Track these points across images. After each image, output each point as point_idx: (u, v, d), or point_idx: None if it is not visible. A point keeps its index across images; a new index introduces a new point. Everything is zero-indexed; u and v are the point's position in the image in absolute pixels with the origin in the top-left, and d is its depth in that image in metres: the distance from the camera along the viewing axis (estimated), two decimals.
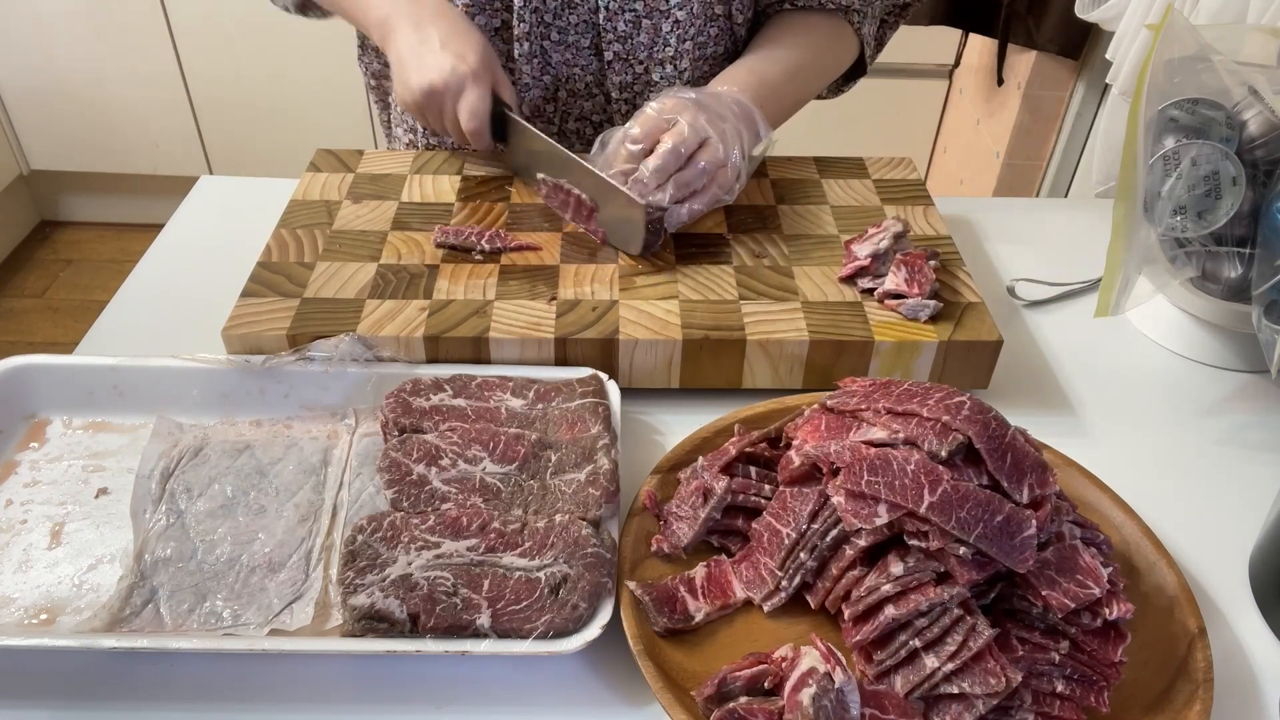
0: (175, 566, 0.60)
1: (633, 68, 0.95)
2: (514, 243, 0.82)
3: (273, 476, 0.66)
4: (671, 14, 0.91)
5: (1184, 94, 0.73)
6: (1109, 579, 0.54)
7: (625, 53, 0.93)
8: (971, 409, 0.56)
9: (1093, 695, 0.53)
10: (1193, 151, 0.71)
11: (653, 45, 0.93)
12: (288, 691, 0.56)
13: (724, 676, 0.52)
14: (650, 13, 0.91)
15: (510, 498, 0.63)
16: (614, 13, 0.90)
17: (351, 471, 0.68)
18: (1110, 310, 0.74)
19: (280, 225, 0.85)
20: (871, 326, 0.74)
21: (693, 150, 0.80)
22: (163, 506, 0.63)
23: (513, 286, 0.78)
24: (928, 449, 0.55)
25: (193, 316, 0.81)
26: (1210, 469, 0.72)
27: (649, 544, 0.62)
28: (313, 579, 0.61)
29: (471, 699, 0.56)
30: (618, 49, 0.93)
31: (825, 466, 0.58)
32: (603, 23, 0.91)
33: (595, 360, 0.74)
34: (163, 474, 0.65)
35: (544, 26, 0.92)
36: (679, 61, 0.94)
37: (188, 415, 0.71)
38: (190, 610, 0.58)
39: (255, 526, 0.63)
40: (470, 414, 0.68)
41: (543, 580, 0.57)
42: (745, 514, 0.63)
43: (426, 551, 0.58)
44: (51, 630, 0.57)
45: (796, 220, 0.87)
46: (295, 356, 0.72)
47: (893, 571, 0.55)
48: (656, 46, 0.93)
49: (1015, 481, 0.55)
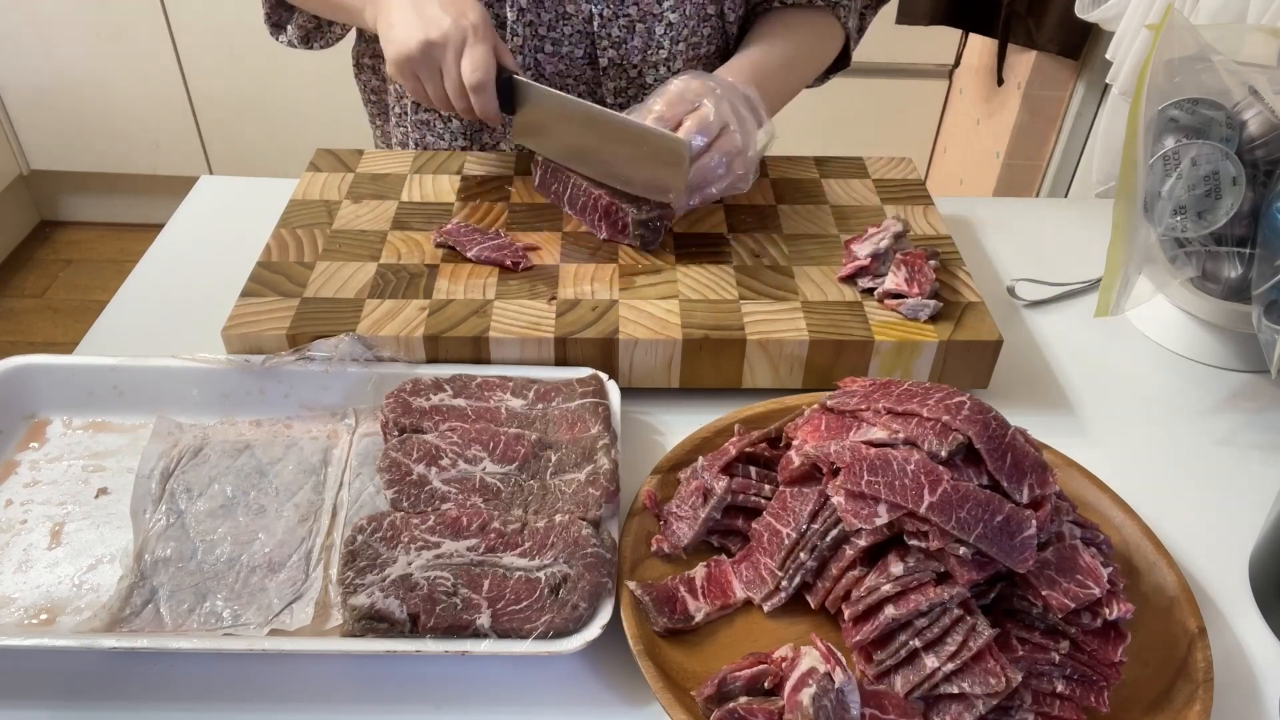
0: (175, 566, 0.60)
1: (626, 72, 0.95)
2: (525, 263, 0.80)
3: (273, 476, 0.66)
4: (664, 17, 0.91)
5: (1184, 94, 0.73)
6: (1109, 579, 0.54)
7: (620, 58, 0.93)
8: (971, 409, 0.56)
9: (1093, 695, 0.53)
10: (1193, 151, 0.70)
11: (646, 49, 0.93)
12: (288, 691, 0.56)
13: (724, 676, 0.52)
14: (644, 16, 0.91)
15: (510, 498, 0.63)
16: (608, 20, 0.90)
17: (351, 471, 0.68)
18: (1110, 310, 0.74)
19: (280, 225, 0.85)
20: (871, 326, 0.74)
21: (714, 137, 0.80)
22: (163, 506, 0.63)
23: (513, 286, 0.78)
24: (928, 449, 0.55)
25: (193, 316, 0.81)
26: (1210, 469, 0.72)
27: (649, 544, 0.62)
28: (313, 579, 0.61)
29: (471, 699, 0.56)
30: (612, 55, 0.93)
31: (825, 466, 0.58)
32: (597, 30, 0.91)
33: (595, 360, 0.74)
34: (163, 474, 0.65)
35: (538, 39, 0.92)
36: (672, 63, 0.94)
37: (188, 415, 0.71)
38: (190, 610, 0.58)
39: (255, 526, 0.63)
40: (470, 414, 0.68)
41: (543, 580, 0.57)
42: (745, 514, 0.63)
43: (426, 551, 0.58)
44: (51, 630, 0.57)
45: (796, 220, 0.87)
46: (295, 356, 0.72)
47: (893, 571, 0.55)
48: (650, 50, 0.93)
49: (1015, 481, 0.55)
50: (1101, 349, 0.83)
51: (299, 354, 0.72)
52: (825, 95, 1.20)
